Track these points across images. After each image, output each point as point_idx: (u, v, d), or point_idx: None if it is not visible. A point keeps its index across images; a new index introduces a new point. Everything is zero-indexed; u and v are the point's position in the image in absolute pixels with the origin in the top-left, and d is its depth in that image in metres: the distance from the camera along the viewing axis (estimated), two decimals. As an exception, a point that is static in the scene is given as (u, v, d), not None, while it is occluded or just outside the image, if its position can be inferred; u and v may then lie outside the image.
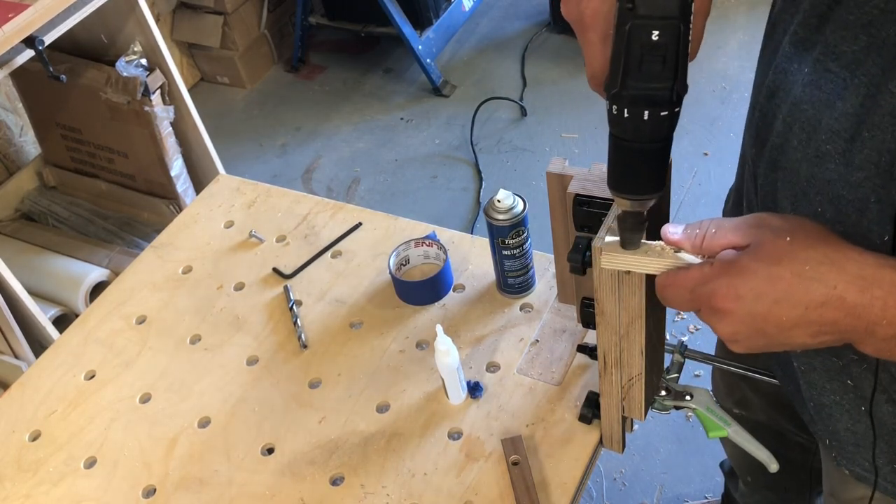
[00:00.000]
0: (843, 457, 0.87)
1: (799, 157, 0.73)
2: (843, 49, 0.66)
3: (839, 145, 0.68)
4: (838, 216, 0.71)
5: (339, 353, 1.19)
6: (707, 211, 2.44)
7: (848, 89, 0.66)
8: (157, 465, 1.10)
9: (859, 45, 0.65)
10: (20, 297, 1.91)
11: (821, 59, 0.69)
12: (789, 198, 0.76)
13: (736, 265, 0.64)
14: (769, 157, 0.79)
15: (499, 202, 1.11)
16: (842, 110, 0.67)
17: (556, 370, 1.11)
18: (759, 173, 0.82)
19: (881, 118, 0.63)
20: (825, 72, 0.69)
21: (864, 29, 0.64)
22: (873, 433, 0.81)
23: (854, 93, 0.66)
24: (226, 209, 1.46)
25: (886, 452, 0.82)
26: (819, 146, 0.70)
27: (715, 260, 0.66)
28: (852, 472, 0.87)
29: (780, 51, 0.76)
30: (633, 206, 0.68)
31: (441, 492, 1.01)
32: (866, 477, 0.86)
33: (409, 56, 3.16)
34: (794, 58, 0.73)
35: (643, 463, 1.91)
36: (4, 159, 2.63)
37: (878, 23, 0.63)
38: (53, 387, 1.23)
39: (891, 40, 0.62)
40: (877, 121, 0.64)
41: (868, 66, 0.64)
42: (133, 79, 2.19)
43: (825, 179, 0.70)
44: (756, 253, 0.64)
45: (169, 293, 1.34)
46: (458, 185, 2.73)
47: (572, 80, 3.02)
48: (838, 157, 0.68)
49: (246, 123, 3.17)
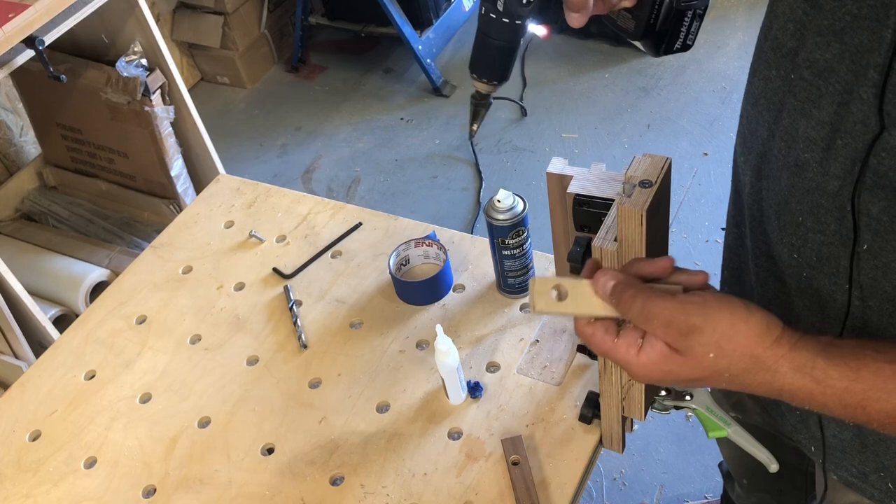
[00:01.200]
0: (831, 462, 0.87)
1: (780, 166, 0.73)
2: (816, 56, 0.66)
3: (816, 154, 0.68)
4: (818, 225, 0.71)
5: (339, 353, 1.19)
6: (707, 211, 2.44)
7: (823, 97, 0.66)
8: (157, 465, 1.11)
9: (832, 52, 0.64)
10: (20, 297, 1.91)
11: (797, 66, 0.69)
12: (773, 206, 0.77)
13: (660, 367, 0.66)
14: (754, 164, 0.79)
15: (499, 202, 1.11)
16: (818, 118, 0.67)
17: (556, 370, 1.11)
18: (746, 182, 0.82)
19: (853, 126, 0.63)
20: (800, 79, 0.69)
21: (837, 36, 0.64)
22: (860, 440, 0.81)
23: (828, 101, 0.65)
24: (226, 209, 1.46)
25: (873, 460, 0.82)
26: (798, 155, 0.70)
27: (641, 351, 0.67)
28: (841, 477, 0.87)
29: (762, 57, 0.76)
30: (483, 89, 0.88)
31: (441, 492, 1.01)
32: (854, 483, 0.86)
33: (409, 56, 3.16)
34: (773, 64, 0.73)
35: (643, 463, 1.91)
36: (5, 159, 2.63)
37: (850, 29, 0.62)
38: (53, 387, 1.23)
39: (863, 47, 0.61)
40: (849, 128, 0.64)
41: (841, 73, 0.64)
42: (133, 79, 2.19)
43: (804, 189, 0.71)
44: (682, 363, 0.66)
45: (169, 293, 1.34)
46: (458, 185, 2.73)
47: (572, 79, 3.02)
48: (816, 166, 0.68)
49: (246, 123, 3.17)
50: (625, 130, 2.78)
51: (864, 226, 0.66)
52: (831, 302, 0.75)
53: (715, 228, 2.40)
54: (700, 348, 0.64)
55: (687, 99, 2.82)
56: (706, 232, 2.39)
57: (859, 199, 0.65)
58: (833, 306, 0.75)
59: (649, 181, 0.75)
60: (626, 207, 0.73)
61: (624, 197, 0.74)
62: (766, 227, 0.81)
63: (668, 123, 2.75)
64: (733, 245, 0.96)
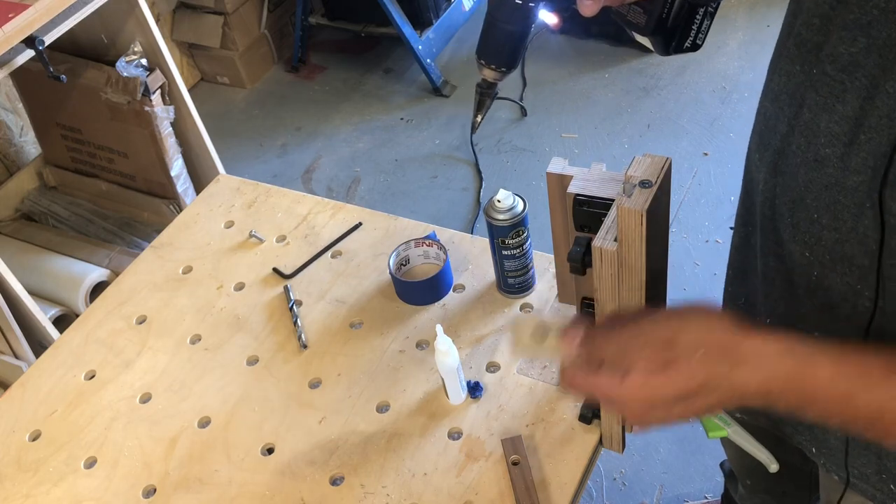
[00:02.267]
0: (833, 464, 0.87)
1: (798, 162, 0.73)
2: (840, 51, 0.66)
3: (838, 149, 0.68)
4: (834, 222, 0.70)
5: (339, 353, 1.19)
6: (707, 211, 2.44)
7: (847, 92, 0.66)
8: (157, 465, 1.11)
9: (857, 46, 0.64)
10: (20, 297, 1.91)
11: (820, 61, 0.69)
12: (787, 203, 0.76)
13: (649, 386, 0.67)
14: (770, 161, 0.78)
15: (499, 202, 1.11)
16: (841, 113, 0.67)
17: (557, 370, 1.11)
18: (759, 178, 0.82)
19: (878, 120, 0.63)
20: (822, 74, 0.68)
21: (863, 30, 0.64)
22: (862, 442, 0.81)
23: (853, 95, 0.65)
24: (226, 209, 1.46)
25: (874, 462, 0.82)
26: (818, 150, 0.70)
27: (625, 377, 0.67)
28: (841, 478, 0.87)
29: (784, 53, 0.76)
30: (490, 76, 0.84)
31: (441, 492, 1.01)
32: (856, 484, 0.86)
33: (409, 56, 3.16)
34: (797, 60, 0.73)
35: (643, 463, 1.91)
36: (5, 159, 2.63)
37: (878, 23, 0.62)
38: (53, 387, 1.23)
39: (891, 41, 0.61)
40: (874, 123, 0.64)
41: (868, 68, 0.64)
42: (133, 79, 2.19)
43: (822, 184, 0.70)
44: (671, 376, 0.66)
45: (169, 293, 1.34)
46: (458, 185, 2.73)
47: (572, 79, 3.02)
48: (836, 161, 0.68)
49: (246, 123, 3.17)
50: (625, 130, 2.78)
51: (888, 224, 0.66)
52: (842, 303, 0.74)
53: (715, 228, 2.40)
54: (686, 351, 0.64)
55: (687, 99, 2.82)
56: (706, 232, 2.39)
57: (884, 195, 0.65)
58: (843, 307, 0.75)
59: (649, 181, 0.75)
60: (626, 207, 0.73)
61: (624, 197, 0.74)
62: (779, 225, 0.80)
63: (668, 123, 2.75)
64: (740, 245, 0.96)
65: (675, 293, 2.22)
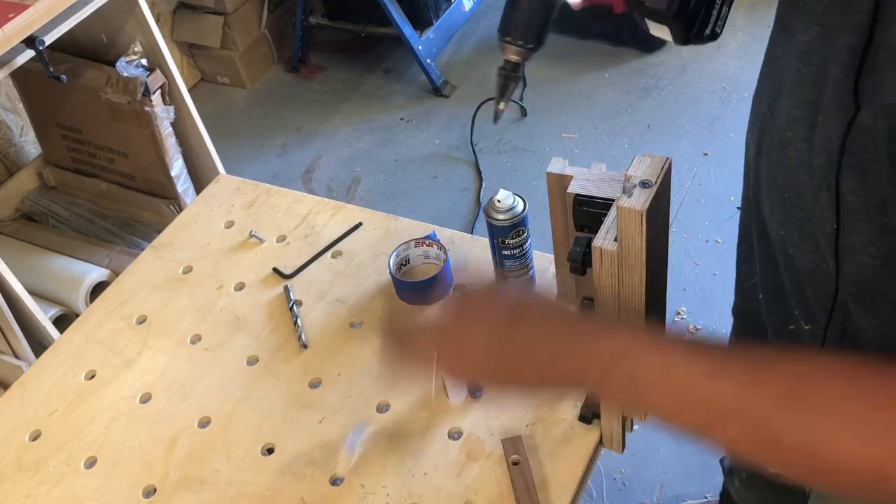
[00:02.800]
0: None
1: (773, 142, 0.76)
2: (801, 38, 0.68)
3: (799, 132, 0.70)
4: (800, 202, 0.73)
5: (339, 353, 1.19)
6: (707, 211, 2.44)
7: (803, 78, 0.68)
8: (157, 465, 1.11)
9: (811, 34, 0.66)
10: (20, 297, 1.91)
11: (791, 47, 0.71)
12: (766, 182, 0.79)
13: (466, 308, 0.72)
14: (756, 141, 0.82)
15: (499, 202, 1.11)
16: (798, 98, 0.69)
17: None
18: (749, 158, 0.86)
19: (828, 105, 0.65)
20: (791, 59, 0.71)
21: (817, 18, 0.66)
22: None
23: (808, 81, 0.68)
24: (226, 209, 1.46)
25: None
26: (782, 133, 0.73)
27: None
28: None
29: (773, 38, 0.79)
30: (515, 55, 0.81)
31: (441, 492, 1.01)
32: None
33: (409, 56, 3.16)
34: (779, 44, 0.76)
35: (643, 463, 1.91)
36: (5, 159, 2.63)
37: (828, 11, 0.64)
38: (53, 387, 1.23)
39: (837, 29, 0.63)
40: (826, 108, 0.66)
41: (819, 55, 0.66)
42: (133, 79, 2.19)
43: (788, 166, 0.73)
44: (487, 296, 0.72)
45: (169, 293, 1.34)
46: (458, 185, 2.73)
47: (572, 79, 3.02)
48: (799, 144, 0.70)
49: (246, 123, 3.17)
50: (625, 130, 2.78)
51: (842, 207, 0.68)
52: (811, 281, 0.77)
53: (715, 228, 2.40)
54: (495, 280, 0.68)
55: (687, 99, 2.82)
56: (706, 232, 2.39)
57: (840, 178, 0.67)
58: (812, 285, 0.77)
59: (649, 181, 0.75)
60: (626, 207, 0.73)
61: (624, 197, 0.74)
62: (761, 203, 0.84)
63: (668, 123, 2.75)
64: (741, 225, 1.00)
65: (675, 293, 2.22)
